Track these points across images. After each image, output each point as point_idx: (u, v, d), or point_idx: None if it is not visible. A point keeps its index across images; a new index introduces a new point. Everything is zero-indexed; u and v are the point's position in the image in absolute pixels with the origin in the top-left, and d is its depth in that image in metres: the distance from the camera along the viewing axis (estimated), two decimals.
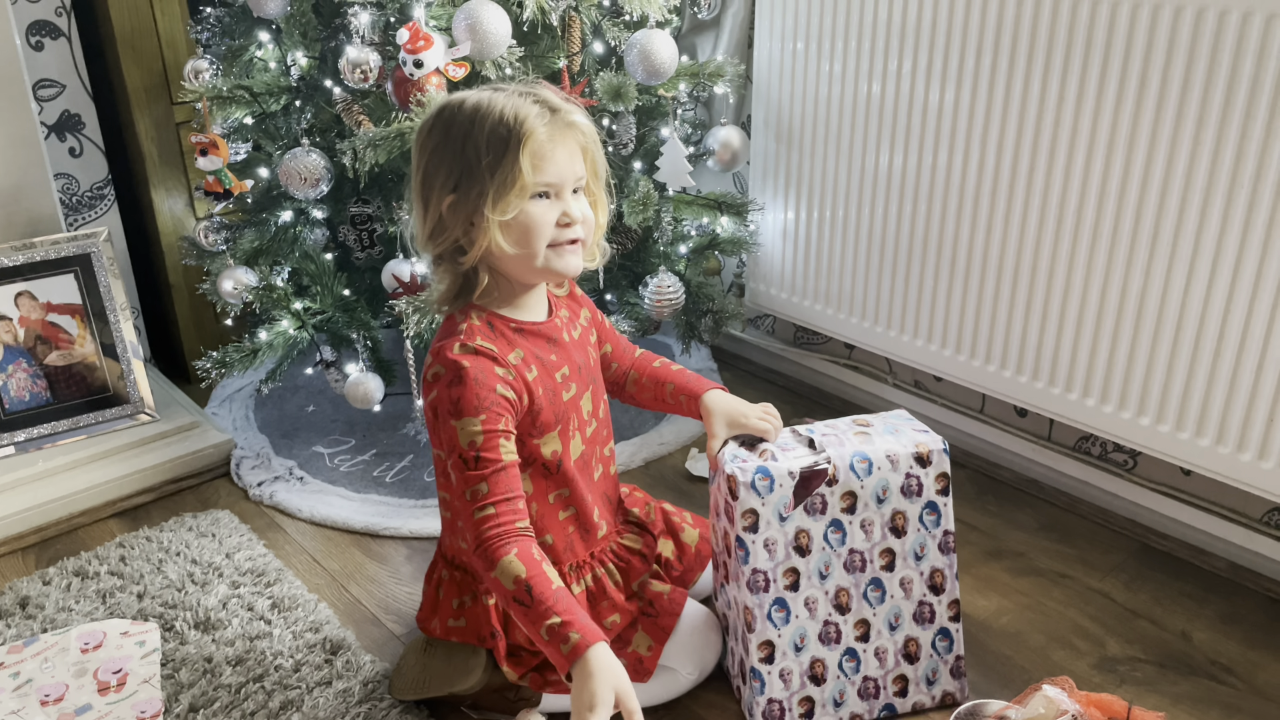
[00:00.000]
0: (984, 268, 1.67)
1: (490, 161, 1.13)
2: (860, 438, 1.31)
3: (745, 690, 1.30)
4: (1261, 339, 1.39)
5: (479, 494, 1.15)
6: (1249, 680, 1.37)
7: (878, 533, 1.29)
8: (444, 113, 1.17)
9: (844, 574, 1.28)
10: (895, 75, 1.70)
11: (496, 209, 1.13)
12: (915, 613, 1.31)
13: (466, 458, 1.15)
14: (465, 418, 1.15)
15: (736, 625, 1.30)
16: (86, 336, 1.87)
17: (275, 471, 1.85)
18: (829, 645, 1.29)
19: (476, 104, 1.15)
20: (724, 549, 1.31)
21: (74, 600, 1.54)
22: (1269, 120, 1.31)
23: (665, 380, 1.40)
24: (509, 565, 1.12)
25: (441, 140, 1.16)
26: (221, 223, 1.84)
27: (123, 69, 1.97)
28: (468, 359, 1.16)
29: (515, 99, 1.15)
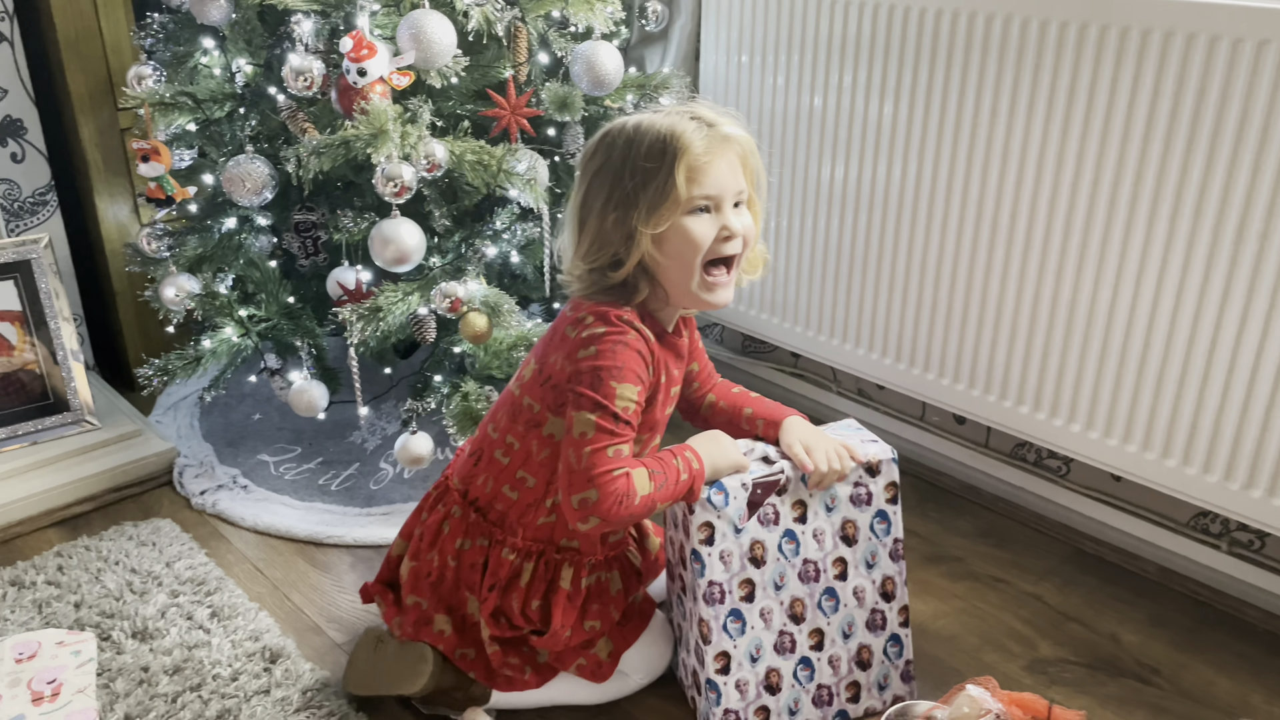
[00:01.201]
0: (923, 279, 1.71)
1: (645, 177, 1.15)
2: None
3: (701, 701, 1.31)
4: (1184, 349, 1.43)
5: (621, 455, 1.17)
6: (1175, 681, 1.41)
7: (829, 542, 1.31)
8: (607, 136, 1.20)
9: (799, 584, 1.30)
10: (837, 89, 1.73)
11: (649, 222, 1.15)
12: (868, 620, 1.33)
13: (619, 419, 1.16)
14: (627, 383, 1.17)
15: (689, 637, 1.32)
16: (27, 344, 1.85)
17: (219, 480, 1.84)
18: (784, 655, 1.30)
19: (638, 125, 1.18)
20: (679, 561, 1.32)
21: (9, 610, 1.52)
22: (1191, 131, 1.36)
23: (744, 405, 1.39)
24: (638, 475, 1.16)
25: (604, 164, 1.19)
26: (165, 229, 1.83)
27: (66, 74, 1.95)
28: (633, 333, 1.19)
29: (673, 117, 1.18)
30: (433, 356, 1.77)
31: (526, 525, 1.29)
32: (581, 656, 1.31)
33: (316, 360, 1.77)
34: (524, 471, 1.27)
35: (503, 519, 1.30)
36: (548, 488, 1.27)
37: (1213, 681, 1.41)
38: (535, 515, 1.28)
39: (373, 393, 2.00)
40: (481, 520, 1.31)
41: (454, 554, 1.31)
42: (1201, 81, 1.33)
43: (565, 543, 1.30)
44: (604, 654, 1.31)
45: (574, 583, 1.29)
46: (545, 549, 1.29)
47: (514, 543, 1.29)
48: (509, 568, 1.28)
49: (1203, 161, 1.35)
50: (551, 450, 1.25)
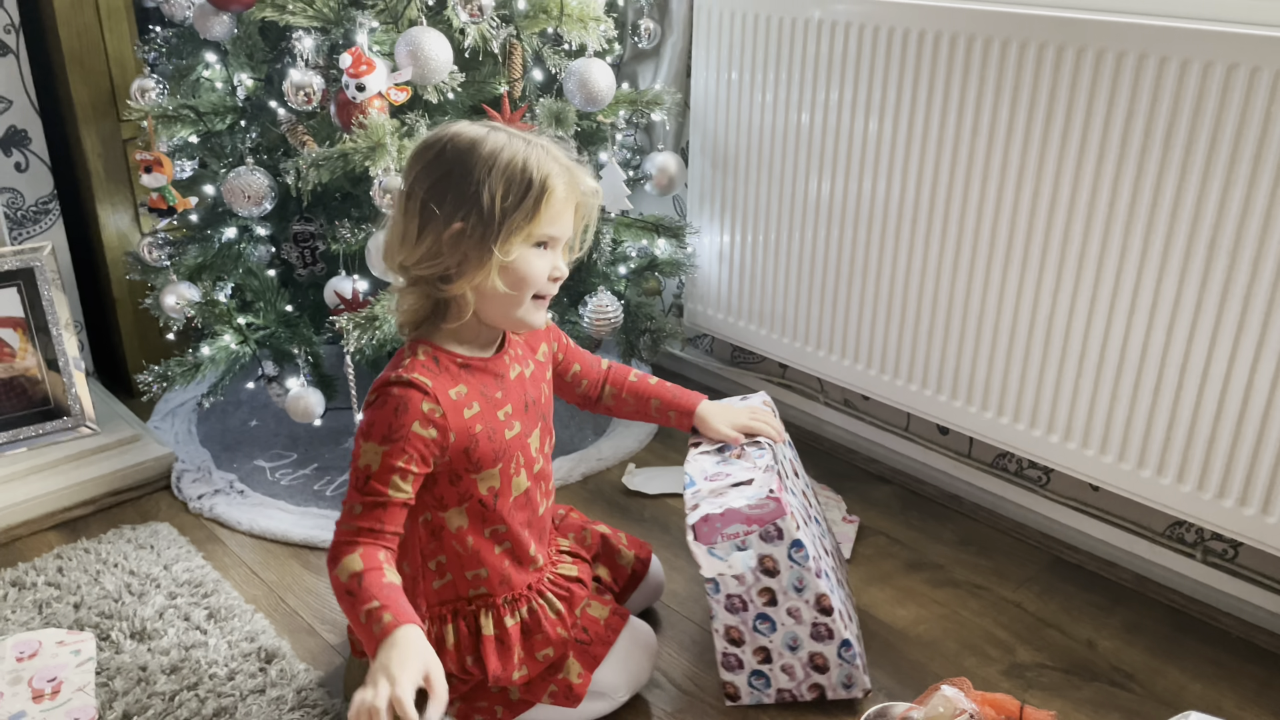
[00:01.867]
0: (908, 293, 1.75)
1: (509, 204, 1.15)
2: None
3: (834, 671, 1.36)
4: (1158, 363, 1.48)
5: (353, 512, 1.17)
6: (1149, 686, 1.45)
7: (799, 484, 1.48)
8: (456, 142, 1.18)
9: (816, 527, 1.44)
10: (825, 106, 1.77)
11: (502, 248, 1.16)
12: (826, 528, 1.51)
13: (359, 477, 1.18)
14: (371, 442, 1.17)
15: (797, 631, 1.33)
16: (28, 349, 1.89)
17: (216, 485, 1.88)
18: (842, 587, 1.42)
19: (496, 146, 1.17)
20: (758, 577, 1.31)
21: (10, 610, 1.55)
22: (1163, 150, 1.40)
23: (649, 396, 1.46)
24: (349, 562, 1.14)
25: (449, 171, 1.17)
26: (166, 239, 1.86)
27: (70, 86, 1.99)
28: (397, 389, 1.18)
29: (537, 151, 1.18)
30: None
31: (427, 596, 1.30)
32: (551, 683, 1.30)
33: (313, 368, 1.81)
34: (401, 560, 1.26)
35: (410, 593, 1.27)
36: (422, 558, 1.28)
37: (1186, 687, 1.44)
38: (426, 583, 1.29)
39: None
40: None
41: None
42: (1174, 100, 1.37)
43: (472, 592, 1.30)
44: (573, 676, 1.31)
45: (498, 626, 1.29)
46: (458, 606, 1.30)
47: (422, 613, 1.29)
48: (430, 638, 1.24)
49: (1175, 177, 1.40)
50: (411, 520, 1.25)
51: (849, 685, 1.37)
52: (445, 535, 1.27)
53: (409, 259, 1.19)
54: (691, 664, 1.48)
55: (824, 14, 1.72)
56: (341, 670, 1.45)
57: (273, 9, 1.61)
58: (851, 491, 1.89)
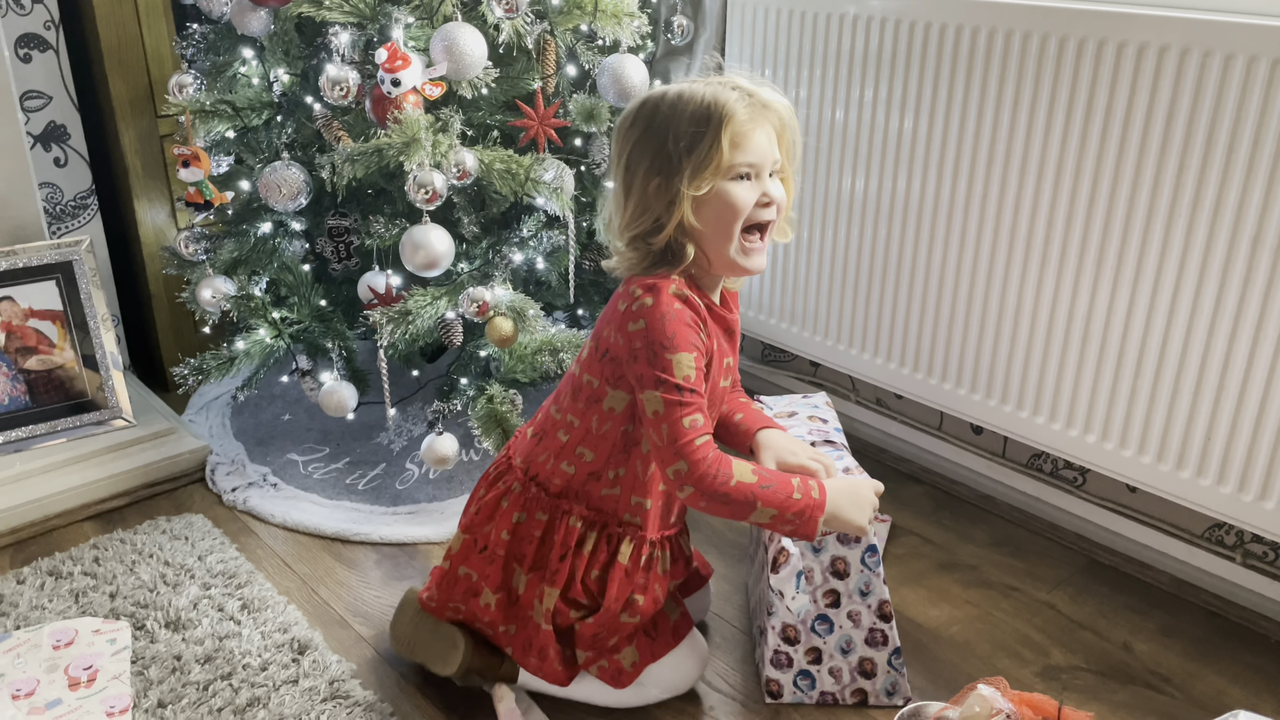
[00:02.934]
0: (941, 289, 1.73)
1: (689, 141, 1.17)
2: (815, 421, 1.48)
3: (880, 678, 1.37)
4: (1199, 360, 1.45)
5: (697, 424, 1.19)
6: (1186, 690, 1.43)
7: None
8: (646, 105, 1.22)
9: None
10: (859, 103, 1.76)
11: (692, 184, 1.18)
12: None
13: (683, 388, 1.18)
14: (681, 352, 1.18)
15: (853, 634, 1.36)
16: (66, 342, 1.91)
17: (249, 478, 1.89)
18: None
19: (679, 93, 1.20)
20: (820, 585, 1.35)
21: (47, 599, 1.57)
22: (1204, 150, 1.38)
23: (735, 409, 1.41)
24: (739, 467, 1.19)
25: (645, 130, 1.20)
26: (202, 233, 1.88)
27: (109, 82, 2.02)
28: (680, 302, 1.20)
29: (715, 87, 1.20)
30: (459, 360, 1.81)
31: (589, 496, 1.31)
32: (605, 659, 1.33)
33: (347, 362, 1.82)
34: (583, 447, 1.30)
35: (565, 492, 1.32)
36: (607, 460, 1.29)
37: (1224, 691, 1.42)
38: (597, 487, 1.31)
39: (400, 394, 2.04)
40: (543, 495, 1.33)
41: (509, 528, 1.34)
42: (1216, 97, 1.35)
43: (627, 517, 1.32)
44: (627, 663, 1.33)
45: (633, 558, 1.32)
46: (608, 521, 1.32)
47: (580, 511, 1.31)
48: (575, 535, 1.31)
49: (1218, 175, 1.38)
50: (612, 424, 1.27)
51: (892, 692, 1.37)
52: (635, 452, 1.29)
53: (623, 221, 1.24)
54: (724, 662, 1.47)
55: (858, 9, 1.71)
56: (373, 662, 1.46)
57: (310, 4, 1.62)
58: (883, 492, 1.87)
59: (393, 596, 1.59)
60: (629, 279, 1.25)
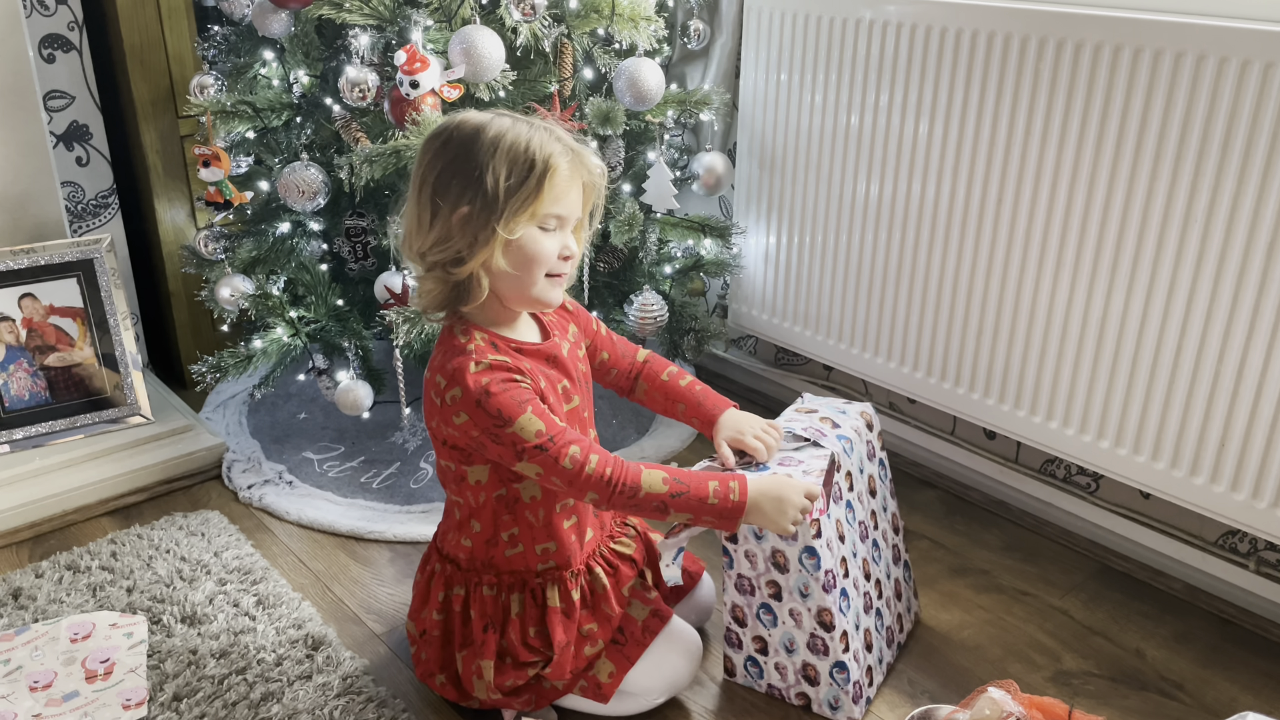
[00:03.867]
0: (955, 294, 1.74)
1: (511, 184, 1.18)
2: (826, 423, 1.42)
3: (823, 688, 1.35)
4: (1213, 367, 1.45)
5: (576, 457, 1.20)
6: (1198, 697, 1.42)
7: (866, 499, 1.42)
8: (461, 129, 1.21)
9: (861, 545, 1.39)
10: (874, 108, 1.77)
11: (506, 227, 1.19)
12: (893, 557, 1.49)
13: (542, 445, 1.20)
14: (518, 420, 1.19)
15: (790, 637, 1.34)
16: (86, 339, 1.93)
17: (265, 475, 1.91)
18: (869, 613, 1.39)
19: (499, 130, 1.20)
20: (768, 569, 1.32)
21: (65, 593, 1.58)
22: (1220, 156, 1.38)
23: (676, 398, 1.45)
24: (649, 479, 1.21)
25: (459, 158, 1.19)
26: (221, 232, 1.90)
27: (131, 83, 2.04)
28: (485, 375, 1.20)
29: (540, 133, 1.21)
30: None
31: (495, 563, 1.32)
32: (582, 679, 1.32)
33: (362, 361, 1.83)
34: (473, 520, 1.31)
35: (471, 564, 1.33)
36: (496, 525, 1.30)
37: (1236, 698, 1.42)
38: (499, 551, 1.31)
39: (415, 394, 2.05)
40: (456, 570, 1.34)
41: (439, 607, 1.35)
42: (1233, 103, 1.35)
43: (541, 567, 1.32)
44: (604, 675, 1.32)
45: (564, 599, 1.32)
46: (525, 579, 1.32)
47: (489, 579, 1.32)
48: (494, 603, 1.31)
49: (1233, 182, 1.38)
50: (485, 494, 1.28)
51: (835, 707, 1.35)
52: (519, 508, 1.29)
53: (423, 245, 1.22)
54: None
55: (874, 14, 1.72)
56: (386, 659, 1.47)
57: (330, 7, 1.63)
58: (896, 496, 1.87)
59: (405, 594, 1.60)
60: (436, 357, 1.26)
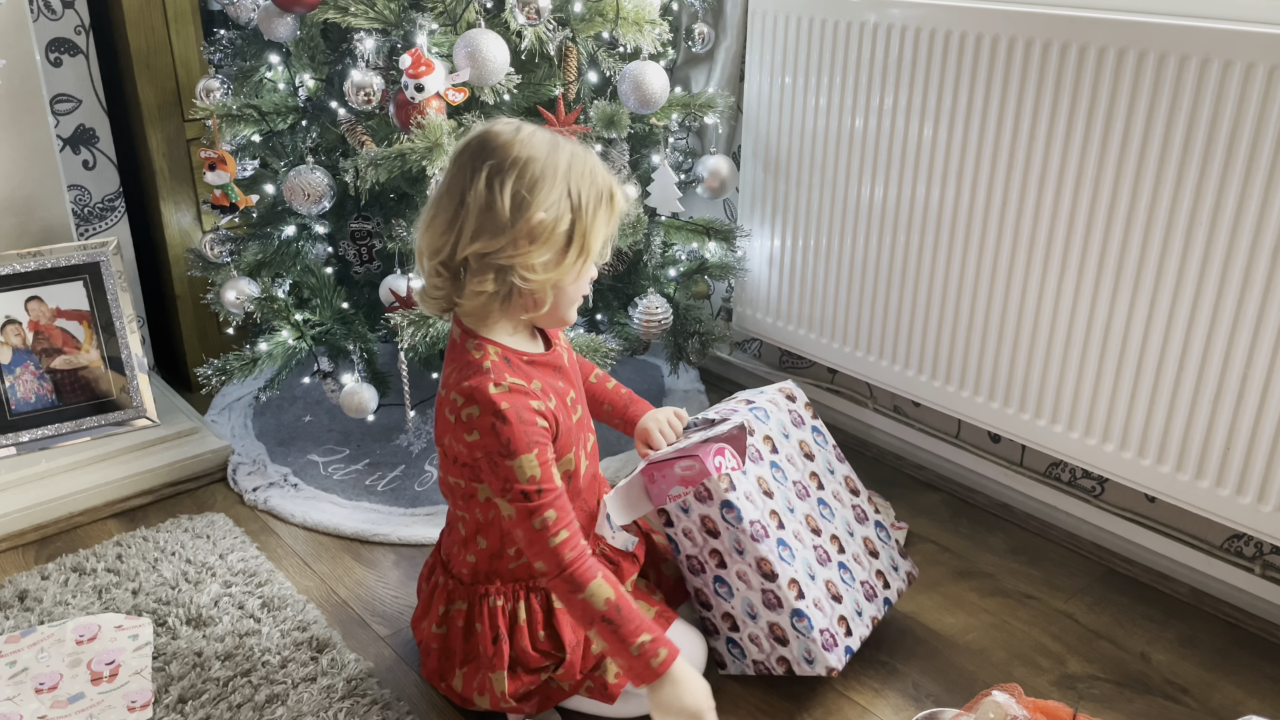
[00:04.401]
0: (960, 297, 1.74)
1: (593, 208, 1.19)
2: (741, 404, 1.47)
3: (794, 644, 1.34)
4: (1219, 370, 1.45)
5: (548, 521, 1.20)
6: (1203, 701, 1.42)
7: (799, 462, 1.46)
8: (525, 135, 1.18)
9: (800, 502, 1.41)
10: (879, 111, 1.77)
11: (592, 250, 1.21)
12: (855, 516, 1.50)
13: (528, 492, 1.19)
14: (520, 456, 1.19)
15: (749, 604, 1.35)
16: (93, 342, 1.94)
17: (270, 478, 1.91)
18: (826, 565, 1.39)
19: (567, 144, 1.20)
20: (705, 540, 1.36)
21: (71, 595, 1.59)
22: (1225, 160, 1.38)
23: (601, 400, 1.49)
24: (598, 588, 1.19)
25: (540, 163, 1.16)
26: (227, 235, 1.91)
27: (138, 86, 2.04)
28: (505, 399, 1.19)
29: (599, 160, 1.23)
30: None
31: (500, 573, 1.32)
32: (589, 679, 1.32)
33: (367, 364, 1.83)
34: (480, 536, 1.31)
35: (475, 578, 1.33)
36: (503, 540, 1.30)
37: (1242, 702, 1.42)
38: (503, 564, 1.32)
39: (420, 397, 2.06)
40: (460, 585, 1.35)
41: (438, 621, 1.36)
42: (1238, 106, 1.35)
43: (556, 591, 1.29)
44: (610, 676, 1.32)
45: None
46: (530, 583, 1.32)
47: (496, 589, 1.32)
48: (501, 613, 1.31)
49: (1238, 185, 1.37)
50: (496, 510, 1.27)
51: (810, 660, 1.34)
52: None
53: (488, 246, 1.17)
54: None
55: (879, 18, 1.72)
56: (391, 661, 1.47)
57: (335, 11, 1.64)
58: (900, 499, 1.88)
59: (410, 597, 1.60)
60: (451, 373, 1.25)
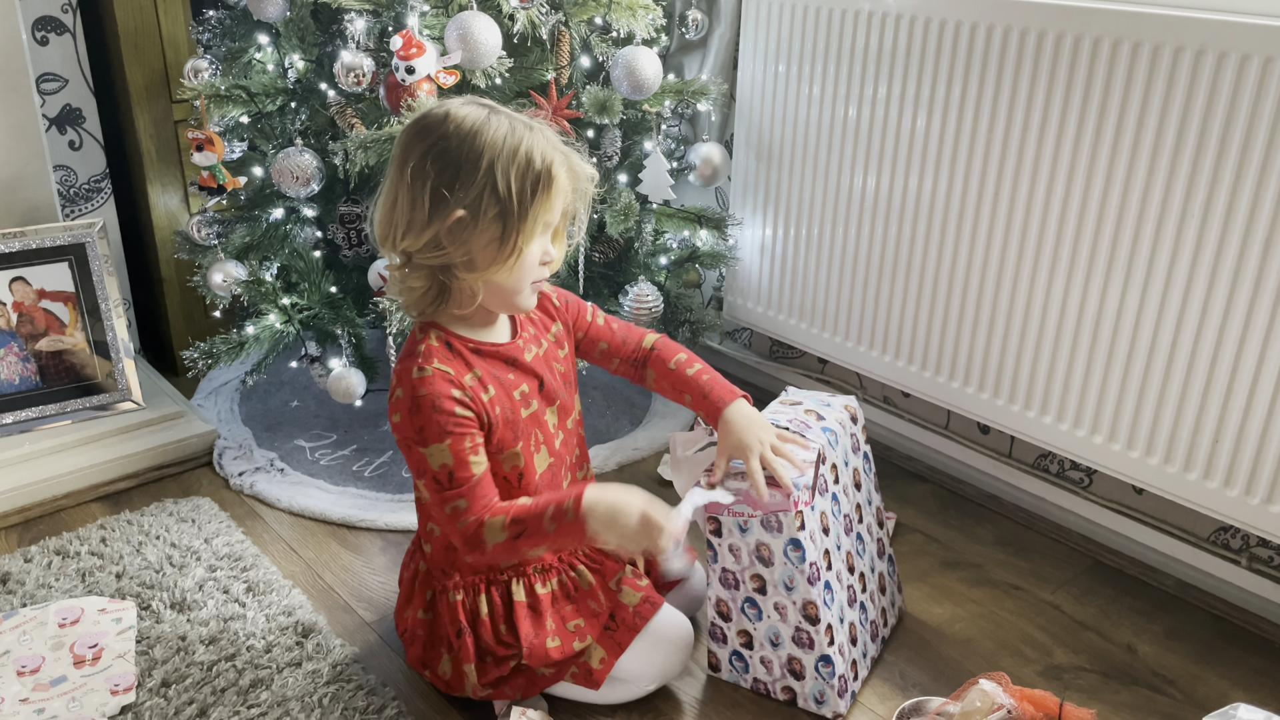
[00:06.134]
0: (950, 288, 1.73)
1: (524, 193, 1.15)
2: (811, 416, 1.41)
3: (809, 683, 1.34)
4: (1208, 362, 1.45)
5: (459, 510, 1.19)
6: (1189, 692, 1.42)
7: (850, 492, 1.42)
8: (459, 125, 1.16)
9: (845, 538, 1.39)
10: (872, 100, 1.76)
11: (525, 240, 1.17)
12: (877, 550, 1.49)
13: (440, 479, 1.19)
14: (432, 445, 1.18)
15: (775, 630, 1.33)
16: (77, 324, 1.92)
17: (256, 462, 1.90)
18: (853, 607, 1.39)
19: (500, 131, 1.15)
20: (753, 562, 1.31)
21: (54, 578, 1.57)
22: (1218, 151, 1.38)
23: (684, 388, 1.38)
24: (491, 525, 1.18)
25: (459, 154, 1.15)
26: (214, 217, 1.89)
27: (125, 66, 2.02)
28: (424, 385, 1.19)
29: (538, 137, 1.17)
30: None
31: (458, 566, 1.30)
32: (574, 665, 1.31)
33: (355, 349, 1.82)
34: (432, 523, 1.30)
35: (434, 567, 1.32)
36: None
37: (1227, 694, 1.42)
38: (458, 555, 1.28)
39: None
40: (429, 574, 1.34)
41: (425, 606, 1.35)
42: (1231, 97, 1.35)
43: (504, 563, 1.30)
44: (595, 661, 1.31)
45: (529, 593, 1.31)
46: (490, 576, 1.31)
47: (454, 583, 1.31)
48: (462, 609, 1.30)
49: (1231, 177, 1.37)
50: None
51: (821, 701, 1.35)
52: None
53: (413, 245, 1.18)
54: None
55: (873, 6, 1.71)
56: (376, 646, 1.46)
57: None
58: (889, 489, 1.88)
59: (396, 583, 1.59)
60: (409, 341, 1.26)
